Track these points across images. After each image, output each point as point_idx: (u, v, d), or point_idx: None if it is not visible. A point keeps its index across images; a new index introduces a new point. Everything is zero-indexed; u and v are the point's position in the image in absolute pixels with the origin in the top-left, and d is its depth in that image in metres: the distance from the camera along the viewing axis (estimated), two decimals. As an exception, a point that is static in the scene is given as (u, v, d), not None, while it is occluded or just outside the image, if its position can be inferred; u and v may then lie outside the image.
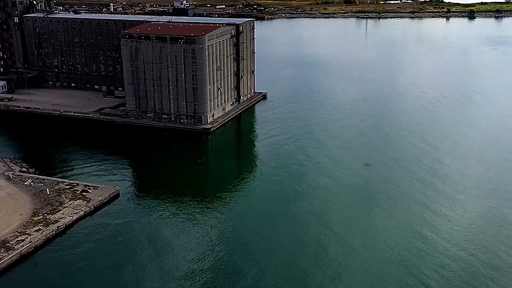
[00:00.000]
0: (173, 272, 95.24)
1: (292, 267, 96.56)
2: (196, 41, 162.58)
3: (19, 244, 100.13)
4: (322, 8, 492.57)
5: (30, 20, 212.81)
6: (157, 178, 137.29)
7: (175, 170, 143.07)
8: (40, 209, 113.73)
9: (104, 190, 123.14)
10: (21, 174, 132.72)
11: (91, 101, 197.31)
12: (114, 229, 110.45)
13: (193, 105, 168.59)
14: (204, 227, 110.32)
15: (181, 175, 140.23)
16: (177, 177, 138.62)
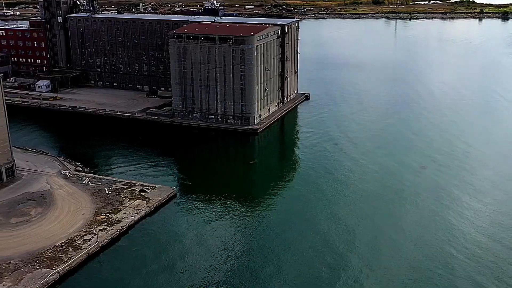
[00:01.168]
0: (230, 273, 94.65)
1: (343, 269, 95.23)
2: (245, 41, 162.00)
3: (86, 244, 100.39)
4: (352, 9, 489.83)
5: (74, 20, 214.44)
6: (211, 178, 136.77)
7: (227, 171, 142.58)
8: (102, 208, 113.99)
9: (161, 190, 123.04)
10: (77, 173, 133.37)
11: (134, 101, 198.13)
12: (174, 230, 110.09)
13: (241, 106, 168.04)
14: (258, 228, 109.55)
15: (233, 176, 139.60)
16: (230, 178, 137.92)
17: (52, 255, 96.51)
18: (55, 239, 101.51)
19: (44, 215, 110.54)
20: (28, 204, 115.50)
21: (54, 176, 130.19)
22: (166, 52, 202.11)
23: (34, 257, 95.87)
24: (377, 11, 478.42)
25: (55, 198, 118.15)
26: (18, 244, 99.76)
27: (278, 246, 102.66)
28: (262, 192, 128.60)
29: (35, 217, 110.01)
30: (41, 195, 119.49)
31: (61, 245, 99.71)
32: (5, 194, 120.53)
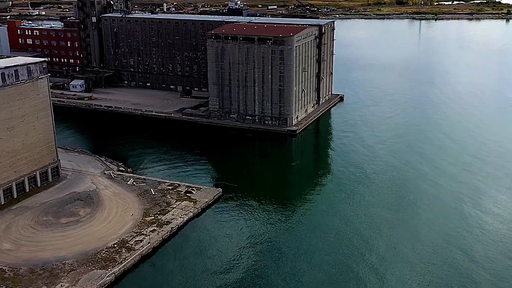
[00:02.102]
0: (276, 276, 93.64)
1: (389, 274, 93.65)
2: (285, 42, 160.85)
3: (138, 245, 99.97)
4: (376, 9, 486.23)
5: (108, 19, 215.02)
6: (254, 180, 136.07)
7: (270, 172, 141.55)
8: (150, 209, 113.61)
9: (207, 191, 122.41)
10: (120, 173, 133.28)
11: (169, 101, 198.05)
12: (221, 231, 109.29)
13: (279, 107, 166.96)
14: (304, 230, 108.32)
15: (276, 177, 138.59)
16: (273, 179, 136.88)
17: (106, 256, 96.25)
18: (107, 240, 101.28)
19: (93, 216, 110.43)
20: (76, 204, 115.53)
21: (99, 176, 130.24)
22: (200, 52, 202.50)
23: (88, 257, 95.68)
24: (402, 11, 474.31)
25: (102, 198, 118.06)
26: (71, 244, 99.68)
27: (324, 251, 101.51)
28: (306, 195, 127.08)
29: (85, 217, 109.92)
30: (88, 195, 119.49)
31: (114, 246, 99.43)
32: (52, 194, 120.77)
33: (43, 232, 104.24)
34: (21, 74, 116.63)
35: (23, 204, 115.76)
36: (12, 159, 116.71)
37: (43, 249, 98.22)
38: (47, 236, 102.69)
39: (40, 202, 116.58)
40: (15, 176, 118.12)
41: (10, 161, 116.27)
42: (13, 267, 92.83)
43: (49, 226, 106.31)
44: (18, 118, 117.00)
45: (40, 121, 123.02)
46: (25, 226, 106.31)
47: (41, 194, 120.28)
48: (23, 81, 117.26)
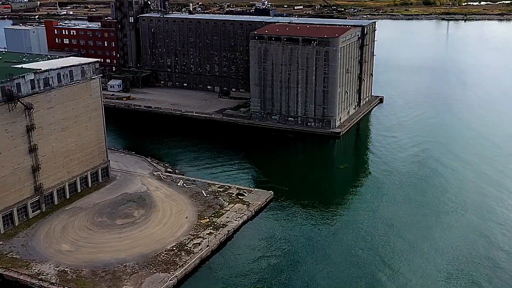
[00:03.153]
0: (332, 279, 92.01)
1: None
2: (330, 43, 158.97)
3: (197, 248, 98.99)
4: (404, 10, 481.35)
5: (145, 20, 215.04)
6: (304, 182, 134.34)
7: (319, 175, 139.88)
8: (204, 211, 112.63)
9: (259, 194, 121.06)
10: (169, 174, 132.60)
11: (207, 102, 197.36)
12: (276, 234, 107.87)
13: (322, 108, 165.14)
14: (360, 234, 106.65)
15: (325, 180, 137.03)
16: (322, 182, 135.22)
17: (166, 258, 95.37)
18: (165, 242, 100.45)
19: (147, 217, 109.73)
20: (129, 205, 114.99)
21: (148, 177, 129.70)
22: (239, 52, 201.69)
23: (149, 260, 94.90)
24: (430, 12, 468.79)
25: (155, 200, 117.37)
26: (129, 246, 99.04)
27: (376, 255, 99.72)
28: (358, 198, 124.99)
29: (139, 219, 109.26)
30: (140, 197, 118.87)
31: (173, 248, 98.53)
32: (103, 194, 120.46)
33: (99, 233, 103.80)
34: (76, 74, 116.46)
35: (77, 204, 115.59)
36: (65, 159, 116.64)
37: (102, 250, 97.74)
38: (104, 238, 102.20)
39: (93, 203, 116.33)
40: (68, 177, 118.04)
41: (64, 161, 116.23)
42: (75, 268, 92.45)
43: (105, 227, 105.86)
44: (72, 119, 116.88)
45: (92, 122, 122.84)
46: (81, 227, 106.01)
47: (93, 195, 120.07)
48: (77, 81, 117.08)
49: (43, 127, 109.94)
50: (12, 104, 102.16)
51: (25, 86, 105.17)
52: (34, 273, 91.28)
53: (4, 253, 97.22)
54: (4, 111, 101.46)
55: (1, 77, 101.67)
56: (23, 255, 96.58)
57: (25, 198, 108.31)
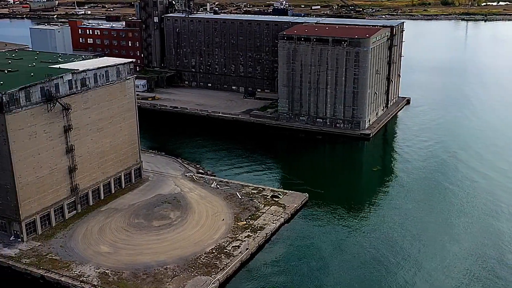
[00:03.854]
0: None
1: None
2: (361, 43, 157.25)
3: (236, 251, 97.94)
4: (423, 10, 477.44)
5: (170, 20, 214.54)
6: (337, 184, 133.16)
7: (352, 177, 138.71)
8: (240, 214, 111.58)
9: (294, 196, 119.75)
10: (202, 175, 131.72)
11: (233, 102, 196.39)
12: (314, 237, 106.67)
13: (352, 110, 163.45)
14: (399, 238, 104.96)
15: (359, 182, 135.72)
16: (356, 184, 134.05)
17: (206, 261, 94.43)
18: (204, 245, 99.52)
19: (184, 219, 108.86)
20: (164, 207, 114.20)
21: (180, 179, 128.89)
22: (264, 53, 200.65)
23: (189, 262, 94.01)
24: (450, 12, 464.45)
25: (190, 201, 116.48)
26: (168, 248, 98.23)
27: (414, 259, 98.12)
28: (391, 201, 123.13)
29: (176, 220, 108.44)
30: (174, 198, 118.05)
31: (212, 251, 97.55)
32: (138, 196, 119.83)
33: (137, 235, 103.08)
34: (111, 74, 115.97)
35: (111, 205, 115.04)
36: (100, 160, 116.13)
37: (141, 252, 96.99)
38: (142, 240, 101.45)
39: (128, 204, 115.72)
40: (103, 177, 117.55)
41: (99, 162, 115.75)
42: (115, 270, 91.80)
43: (143, 229, 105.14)
44: (107, 119, 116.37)
45: (126, 122, 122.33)
46: (118, 229, 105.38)
47: (127, 196, 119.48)
48: (113, 81, 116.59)
49: (80, 127, 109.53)
50: (51, 104, 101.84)
51: (63, 86, 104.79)
52: (75, 274, 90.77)
53: (44, 254, 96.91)
54: (43, 112, 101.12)
55: (40, 77, 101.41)
56: (63, 256, 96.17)
57: (62, 198, 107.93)
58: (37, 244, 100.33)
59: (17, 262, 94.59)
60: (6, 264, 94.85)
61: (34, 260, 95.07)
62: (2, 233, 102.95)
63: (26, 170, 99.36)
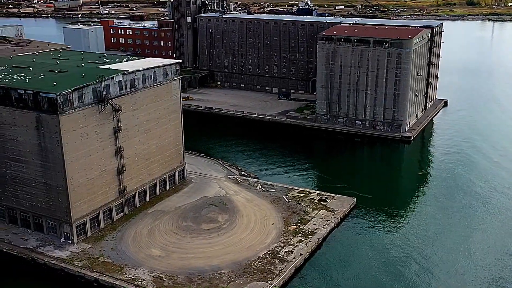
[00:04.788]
0: None
1: None
2: (403, 44, 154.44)
3: (289, 256, 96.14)
4: (449, 10, 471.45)
5: (203, 19, 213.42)
6: (384, 188, 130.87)
7: (398, 181, 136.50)
8: (289, 218, 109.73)
9: (342, 200, 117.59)
10: (245, 178, 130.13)
11: (267, 103, 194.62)
12: (365, 242, 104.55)
13: (392, 112, 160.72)
14: (449, 245, 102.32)
15: (406, 187, 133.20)
16: (403, 189, 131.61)
17: (261, 267, 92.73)
18: (256, 250, 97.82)
19: (233, 223, 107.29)
20: (211, 209, 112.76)
21: (224, 181, 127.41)
22: (299, 53, 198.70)
23: (243, 267, 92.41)
24: (476, 12, 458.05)
25: (236, 204, 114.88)
26: (221, 253, 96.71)
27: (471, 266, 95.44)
28: (442, 206, 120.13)
29: (225, 224, 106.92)
30: (221, 201, 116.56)
31: (265, 256, 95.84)
32: (183, 198, 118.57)
33: (188, 239, 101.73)
34: (158, 75, 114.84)
35: (158, 208, 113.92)
36: (147, 162, 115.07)
37: (194, 256, 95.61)
38: (193, 243, 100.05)
39: (174, 206, 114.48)
40: (149, 179, 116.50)
41: (145, 163, 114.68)
42: (170, 275, 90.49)
43: (192, 232, 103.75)
44: (153, 121, 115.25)
45: (172, 124, 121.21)
46: (167, 232, 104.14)
47: (172, 198, 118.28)
48: (160, 82, 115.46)
49: (128, 129, 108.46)
50: (102, 105, 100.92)
51: (114, 87, 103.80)
52: (129, 278, 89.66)
53: (95, 257, 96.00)
54: (94, 113, 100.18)
55: (91, 78, 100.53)
56: (115, 260, 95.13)
57: (110, 200, 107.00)
58: (87, 246, 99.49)
59: (69, 265, 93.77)
60: (58, 267, 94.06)
61: (87, 263, 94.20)
62: (52, 235, 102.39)
63: (78, 171, 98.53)
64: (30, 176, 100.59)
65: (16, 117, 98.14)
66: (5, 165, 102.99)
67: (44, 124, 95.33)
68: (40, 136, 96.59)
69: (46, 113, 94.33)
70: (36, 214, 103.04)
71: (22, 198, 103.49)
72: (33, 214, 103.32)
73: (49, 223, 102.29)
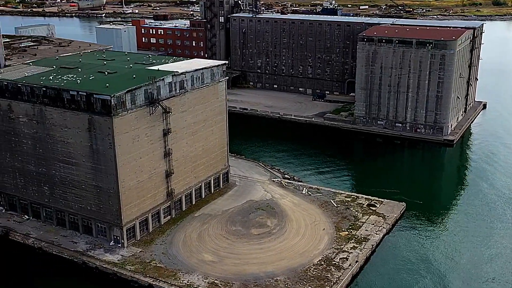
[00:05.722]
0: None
1: None
2: (447, 46, 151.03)
3: (345, 263, 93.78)
4: (475, 10, 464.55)
5: (237, 19, 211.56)
6: (431, 193, 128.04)
7: (446, 186, 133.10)
8: (339, 223, 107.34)
9: (391, 205, 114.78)
10: (289, 181, 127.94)
11: (302, 104, 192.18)
12: (418, 249, 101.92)
13: (434, 114, 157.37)
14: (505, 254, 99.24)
15: (454, 191, 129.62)
16: (453, 194, 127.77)
17: (317, 274, 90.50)
18: (310, 256, 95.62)
19: (282, 227, 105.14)
20: (259, 213, 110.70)
21: (269, 184, 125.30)
22: (335, 54, 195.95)
23: (299, 274, 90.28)
24: (504, 12, 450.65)
25: (284, 208, 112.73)
26: (274, 259, 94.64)
27: None
28: (494, 213, 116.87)
29: (274, 229, 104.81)
30: (267, 205, 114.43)
31: (320, 263, 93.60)
32: (229, 201, 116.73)
33: (239, 243, 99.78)
34: (206, 77, 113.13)
35: (205, 211, 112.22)
36: (193, 164, 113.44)
37: (247, 262, 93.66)
38: (245, 248, 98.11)
39: (221, 209, 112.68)
40: (195, 182, 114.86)
41: (192, 166, 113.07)
42: (224, 281, 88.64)
43: (242, 237, 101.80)
44: (200, 123, 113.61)
45: (217, 126, 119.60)
46: (217, 236, 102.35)
47: (218, 201, 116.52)
48: (207, 84, 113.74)
49: (177, 131, 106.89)
50: (153, 107, 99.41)
51: (164, 89, 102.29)
52: (184, 284, 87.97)
53: (147, 261, 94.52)
54: (145, 115, 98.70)
55: (143, 79, 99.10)
56: (167, 264, 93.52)
57: (159, 203, 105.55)
58: (138, 250, 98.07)
59: (122, 269, 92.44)
60: (110, 271, 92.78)
61: (139, 267, 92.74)
62: (101, 238, 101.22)
63: (129, 174, 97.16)
64: (80, 178, 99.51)
65: (68, 118, 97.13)
66: (54, 167, 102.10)
67: (97, 126, 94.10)
68: (92, 138, 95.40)
69: (99, 115, 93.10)
70: (85, 216, 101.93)
71: (71, 201, 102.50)
72: (82, 216, 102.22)
73: (98, 226, 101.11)
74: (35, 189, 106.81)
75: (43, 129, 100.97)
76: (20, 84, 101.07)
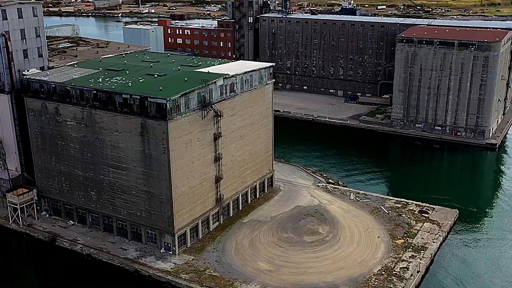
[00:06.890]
0: None
1: None
2: (491, 47, 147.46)
3: (406, 273, 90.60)
4: (495, 10, 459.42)
5: (266, 20, 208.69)
6: (484, 199, 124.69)
7: (495, 191, 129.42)
8: (393, 230, 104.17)
9: (444, 212, 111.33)
10: (335, 186, 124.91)
11: (334, 106, 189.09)
12: (477, 258, 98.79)
13: (476, 117, 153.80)
14: None
15: (504, 197, 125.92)
16: (501, 199, 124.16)
17: (379, 284, 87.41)
18: (369, 265, 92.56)
19: (336, 235, 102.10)
20: (309, 220, 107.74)
21: (314, 189, 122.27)
22: (367, 55, 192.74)
23: (360, 285, 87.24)
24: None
25: (334, 215, 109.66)
26: (333, 268, 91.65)
27: None
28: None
29: (327, 236, 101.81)
30: (316, 211, 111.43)
31: (381, 272, 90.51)
32: (276, 207, 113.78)
33: (293, 251, 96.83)
34: (254, 79, 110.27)
35: (253, 217, 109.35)
36: (241, 169, 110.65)
37: (305, 272, 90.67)
38: (300, 257, 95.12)
39: (269, 216, 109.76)
40: (242, 187, 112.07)
41: (239, 171, 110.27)
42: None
43: (296, 245, 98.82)
44: (248, 126, 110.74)
45: (263, 129, 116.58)
46: (269, 243, 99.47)
47: (265, 207, 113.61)
48: (255, 87, 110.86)
49: (226, 135, 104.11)
50: (205, 111, 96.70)
51: (216, 92, 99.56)
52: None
53: (201, 270, 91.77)
54: (198, 119, 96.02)
55: (195, 82, 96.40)
56: (222, 273, 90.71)
57: (208, 210, 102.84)
58: (190, 257, 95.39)
59: (176, 278, 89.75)
60: (164, 279, 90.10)
61: (194, 276, 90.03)
62: (152, 245, 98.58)
63: (181, 180, 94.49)
64: (130, 183, 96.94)
65: (119, 122, 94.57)
66: (102, 172, 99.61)
67: (150, 130, 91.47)
68: (144, 143, 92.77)
69: (153, 119, 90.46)
70: (134, 222, 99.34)
71: (119, 206, 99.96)
72: (131, 223, 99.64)
73: (148, 233, 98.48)
74: (81, 194, 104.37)
75: (92, 133, 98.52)
76: (69, 87, 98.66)
